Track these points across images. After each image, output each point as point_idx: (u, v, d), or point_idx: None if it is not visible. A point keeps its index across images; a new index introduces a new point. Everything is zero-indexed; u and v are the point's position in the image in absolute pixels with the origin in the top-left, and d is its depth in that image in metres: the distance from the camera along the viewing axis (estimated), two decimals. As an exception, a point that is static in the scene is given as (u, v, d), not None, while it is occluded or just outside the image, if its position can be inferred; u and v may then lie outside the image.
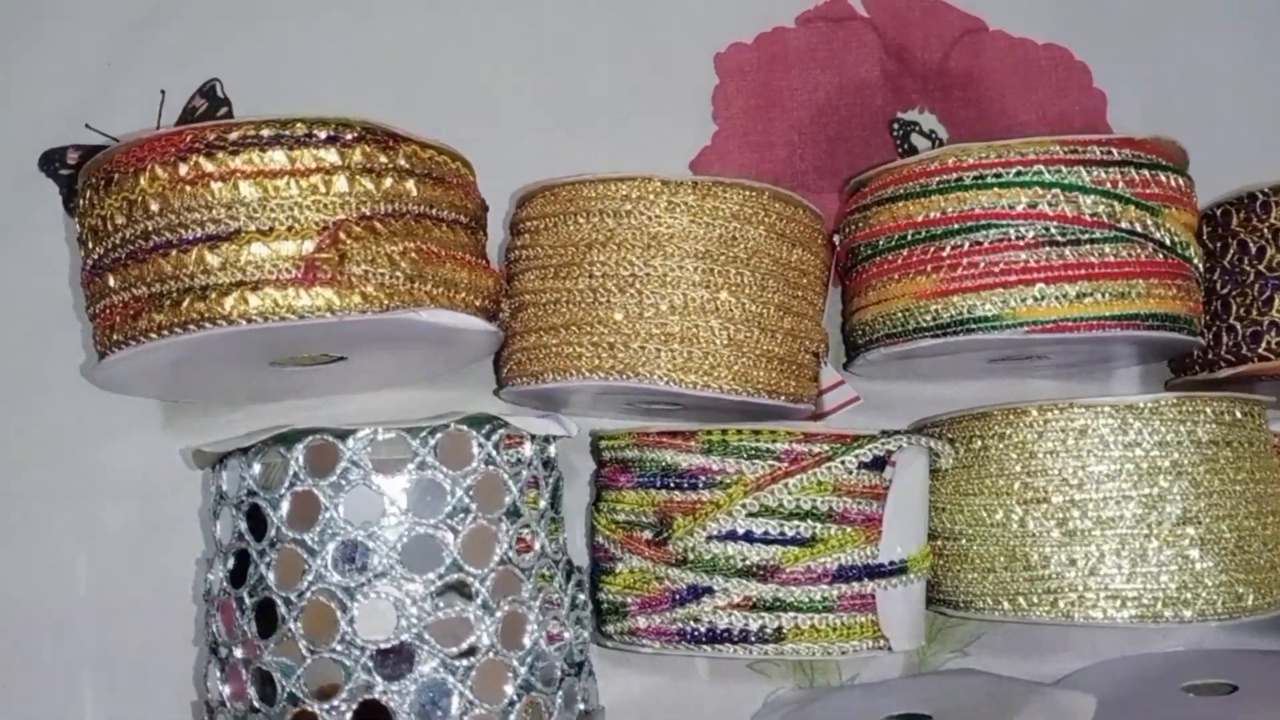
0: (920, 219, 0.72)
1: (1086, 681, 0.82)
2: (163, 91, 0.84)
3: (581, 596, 0.69)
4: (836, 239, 0.79)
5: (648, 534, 0.67)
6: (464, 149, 0.73)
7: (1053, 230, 0.69)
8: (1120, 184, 0.70)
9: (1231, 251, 0.80)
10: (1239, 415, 0.70)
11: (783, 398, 0.69)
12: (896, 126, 0.91)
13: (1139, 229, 0.69)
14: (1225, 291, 0.80)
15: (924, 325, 0.72)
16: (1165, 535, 0.67)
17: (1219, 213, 0.82)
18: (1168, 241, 0.70)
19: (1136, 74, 0.91)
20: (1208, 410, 0.68)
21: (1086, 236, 0.69)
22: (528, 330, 0.70)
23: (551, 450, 0.68)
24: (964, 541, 0.72)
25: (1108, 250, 0.69)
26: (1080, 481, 0.68)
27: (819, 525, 0.65)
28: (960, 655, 0.87)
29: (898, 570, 0.66)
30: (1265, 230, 0.78)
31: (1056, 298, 0.68)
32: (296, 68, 0.86)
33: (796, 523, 0.64)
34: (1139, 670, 0.83)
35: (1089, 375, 0.86)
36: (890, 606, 0.65)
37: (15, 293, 0.80)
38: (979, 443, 0.72)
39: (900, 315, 0.73)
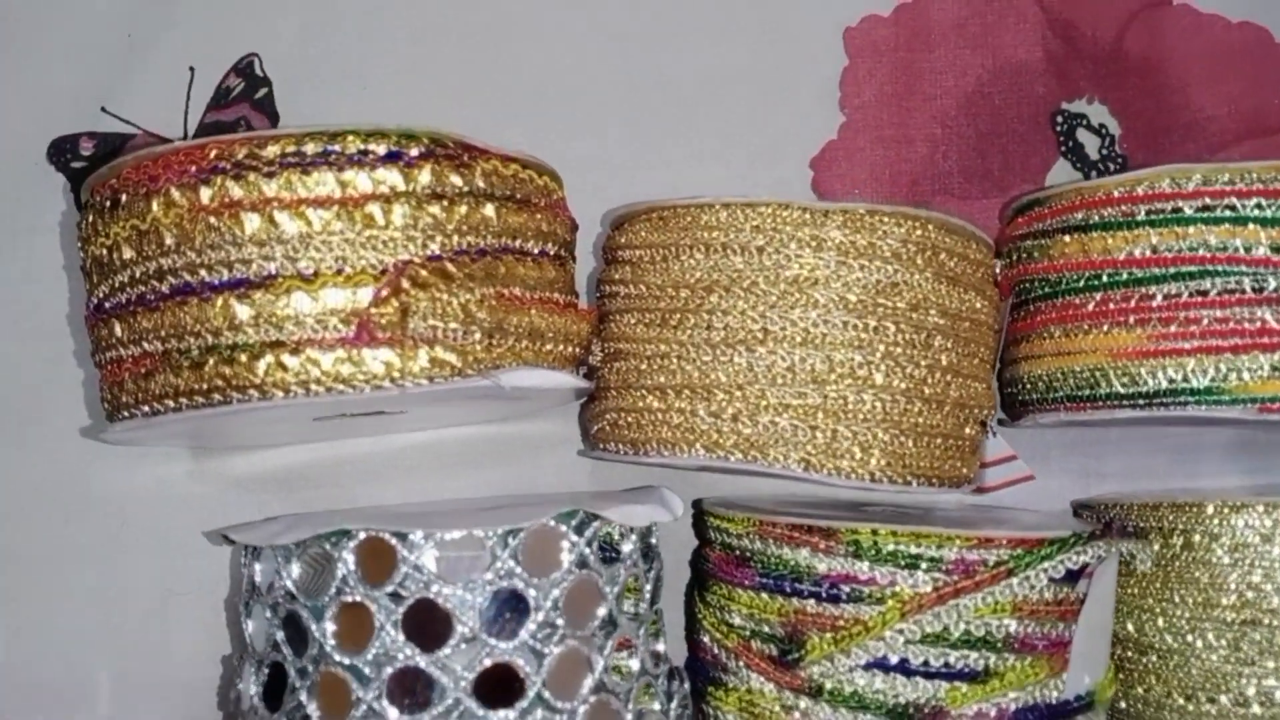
0: (1122, 257, 0.58)
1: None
2: (191, 69, 0.71)
3: (688, 713, 0.56)
4: (997, 265, 0.65)
5: (771, 649, 0.54)
6: (542, 146, 0.60)
7: (1297, 281, 0.54)
8: (1391, 224, 0.55)
9: None
10: None
11: (945, 484, 0.55)
12: (1060, 120, 0.75)
13: (1407, 282, 0.54)
14: None
15: (1120, 391, 0.57)
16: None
17: None
18: None
19: (1351, 60, 0.75)
20: None
21: (1339, 291, 0.54)
22: (626, 386, 0.56)
23: (653, 538, 0.56)
24: (1155, 658, 0.58)
25: (1365, 310, 0.54)
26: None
27: (994, 656, 0.51)
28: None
29: (1084, 707, 0.53)
30: None
31: (1302, 370, 0.54)
32: (346, 42, 0.72)
33: (966, 652, 0.51)
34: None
35: (1275, 428, 0.71)
36: (1074, 755, 0.52)
37: (16, 312, 0.68)
38: (1180, 539, 0.58)
39: (1089, 374, 0.59)
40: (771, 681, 0.54)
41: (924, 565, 0.51)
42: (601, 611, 0.50)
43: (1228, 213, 0.55)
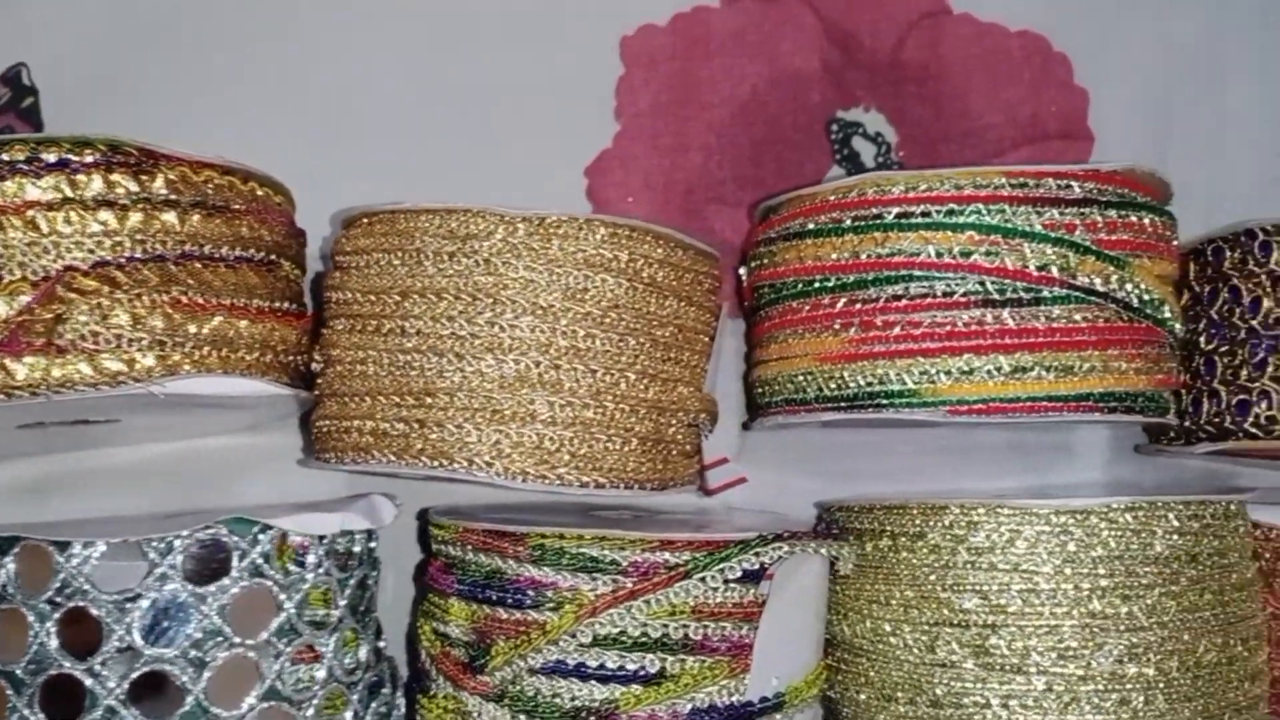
0: (830, 263, 0.58)
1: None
2: (-47, 78, 0.71)
3: (393, 720, 0.57)
4: (743, 271, 0.66)
5: (465, 655, 0.54)
6: (311, 155, 0.60)
7: (990, 287, 0.55)
8: (1079, 229, 0.55)
9: (1221, 299, 0.66)
10: (1209, 520, 0.56)
11: (644, 487, 0.55)
12: (836, 129, 0.76)
13: (1099, 286, 0.55)
14: (1210, 347, 0.66)
15: (827, 394, 0.58)
16: (1104, 674, 0.53)
17: (1210, 250, 0.67)
18: (1134, 301, 0.56)
19: (1126, 67, 0.76)
20: (1169, 518, 0.54)
21: (1031, 296, 0.55)
22: (334, 394, 0.56)
23: (357, 544, 0.56)
24: (864, 661, 0.58)
25: (1057, 313, 0.55)
26: (1004, 603, 0.54)
27: (670, 658, 0.52)
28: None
29: (770, 708, 0.53)
30: (1264, 277, 0.63)
31: (988, 372, 0.54)
32: (115, 53, 0.72)
33: (641, 655, 0.51)
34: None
35: (1045, 430, 0.72)
36: (759, 756, 0.53)
37: None
38: (887, 541, 0.58)
39: (801, 379, 0.59)
40: (463, 689, 0.54)
41: (604, 568, 0.52)
42: (276, 621, 0.50)
43: (921, 220, 0.56)
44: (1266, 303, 0.63)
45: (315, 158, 0.69)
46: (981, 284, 0.55)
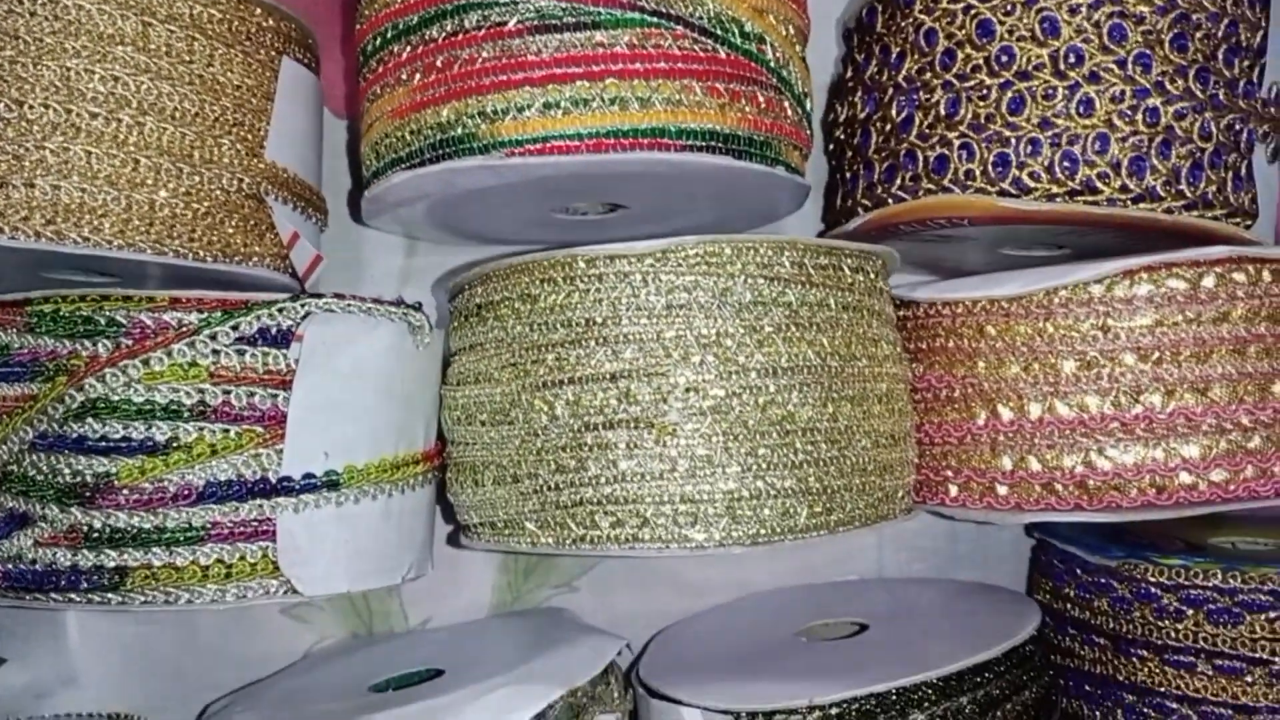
0: (396, 7, 0.52)
1: (689, 629, 0.65)
2: None
3: None
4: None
5: (-19, 441, 0.49)
6: None
7: (546, 10, 0.49)
8: (646, -57, 0.50)
9: (874, 62, 0.61)
10: (810, 268, 0.51)
11: (185, 255, 0.49)
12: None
13: (669, 8, 0.49)
14: (865, 115, 0.61)
15: (399, 155, 0.52)
16: (678, 425, 0.48)
17: (864, 12, 0.62)
18: (716, 28, 0.50)
19: None
20: (751, 260, 0.49)
21: (590, 19, 0.49)
22: None
23: None
24: (461, 445, 0.53)
25: (622, 39, 0.49)
26: (575, 359, 0.48)
27: (181, 425, 0.46)
28: (568, 591, 0.70)
29: (318, 486, 0.48)
30: (909, 30, 0.58)
31: (544, 106, 0.49)
32: None
33: (146, 423, 0.46)
34: (764, 610, 0.66)
35: (735, 222, 0.66)
36: (300, 536, 0.47)
37: None
38: (479, 313, 0.53)
39: (381, 144, 0.53)
40: (-27, 478, 0.48)
41: (102, 330, 0.46)
42: None
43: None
44: (911, 57, 0.58)
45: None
46: (538, 9, 0.49)
